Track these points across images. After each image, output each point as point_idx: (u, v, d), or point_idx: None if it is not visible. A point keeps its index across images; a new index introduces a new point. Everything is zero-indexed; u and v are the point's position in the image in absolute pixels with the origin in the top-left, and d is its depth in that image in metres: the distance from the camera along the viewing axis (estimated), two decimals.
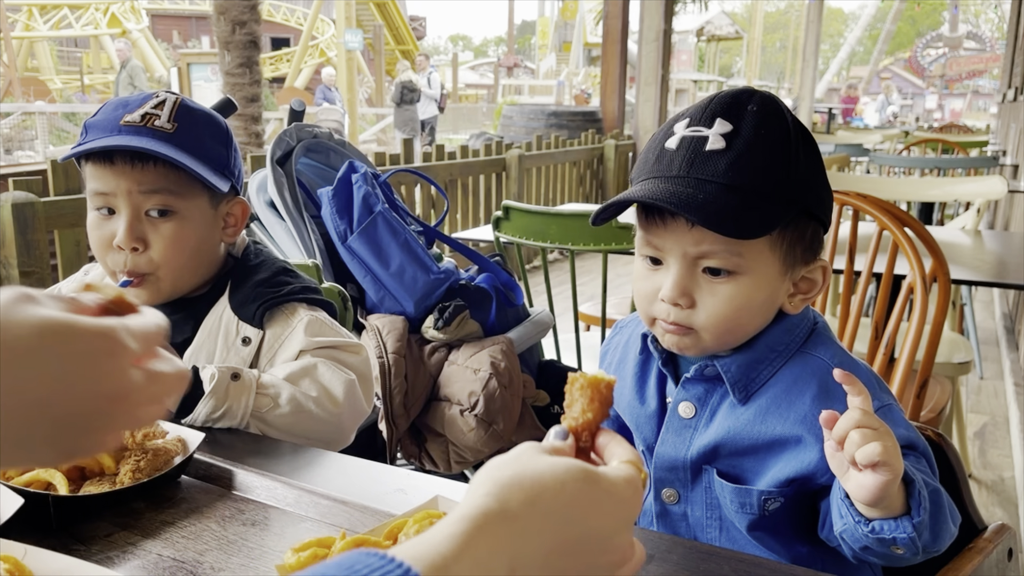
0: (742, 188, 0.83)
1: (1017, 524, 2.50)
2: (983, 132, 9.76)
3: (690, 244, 0.86)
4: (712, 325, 0.88)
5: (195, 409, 1.04)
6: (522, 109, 9.03)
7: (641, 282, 0.93)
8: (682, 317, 0.89)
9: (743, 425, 0.90)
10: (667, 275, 0.89)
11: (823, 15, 21.11)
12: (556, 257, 6.45)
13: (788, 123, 0.86)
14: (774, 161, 0.85)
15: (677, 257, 0.88)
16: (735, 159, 0.83)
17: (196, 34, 25.76)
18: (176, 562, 0.76)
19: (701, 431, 0.93)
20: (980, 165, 4.24)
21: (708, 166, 0.84)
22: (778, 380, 0.91)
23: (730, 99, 0.87)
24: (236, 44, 5.33)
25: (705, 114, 0.86)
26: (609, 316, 2.73)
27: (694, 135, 0.86)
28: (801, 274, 0.91)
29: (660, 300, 0.89)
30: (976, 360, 3.82)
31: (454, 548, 0.46)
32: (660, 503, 0.97)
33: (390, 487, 0.91)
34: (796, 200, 0.86)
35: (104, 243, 1.13)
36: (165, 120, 1.11)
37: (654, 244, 0.90)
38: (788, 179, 0.85)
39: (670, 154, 0.87)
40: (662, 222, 0.87)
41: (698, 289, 0.88)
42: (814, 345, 0.92)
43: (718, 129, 0.85)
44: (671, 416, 0.95)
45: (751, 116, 0.85)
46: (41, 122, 12.63)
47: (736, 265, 0.86)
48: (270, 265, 1.25)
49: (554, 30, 29.59)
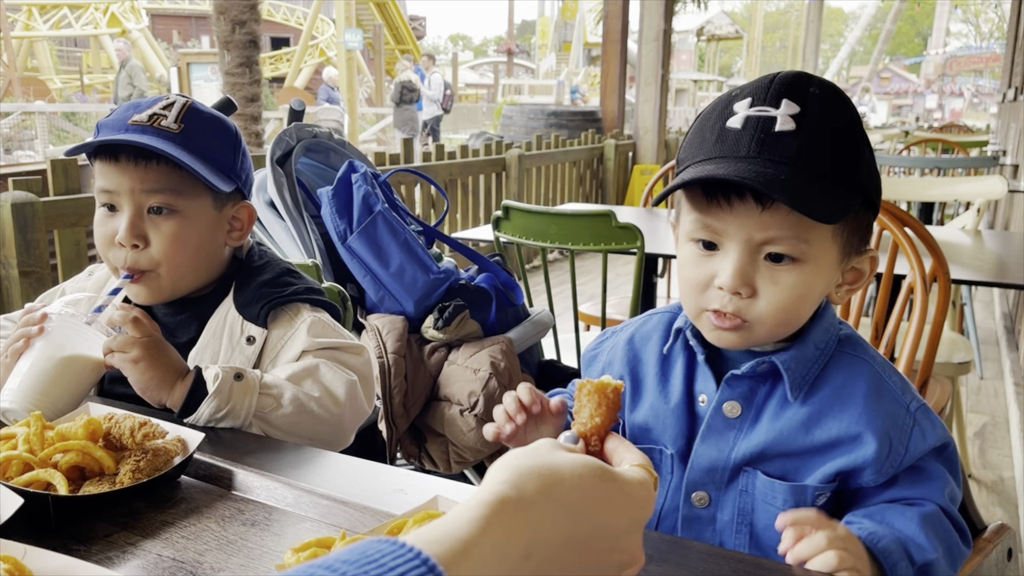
0: (815, 171, 0.80)
1: (1017, 524, 2.50)
2: (983, 132, 9.76)
3: (756, 229, 0.82)
4: (771, 316, 0.84)
5: (198, 409, 1.05)
6: (522, 109, 9.03)
7: (691, 269, 0.87)
8: (740, 307, 0.84)
9: (796, 425, 0.88)
10: (724, 261, 0.84)
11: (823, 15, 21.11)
12: (556, 257, 6.45)
13: (852, 111, 0.84)
14: (844, 147, 0.82)
15: (739, 242, 0.83)
16: (806, 142, 0.80)
17: (196, 34, 25.75)
18: (176, 562, 0.76)
19: (746, 432, 0.90)
20: (980, 165, 4.24)
21: (779, 147, 0.80)
22: (827, 379, 0.89)
23: (792, 80, 0.83)
24: (236, 44, 5.33)
25: (769, 93, 0.82)
26: (609, 316, 2.73)
27: (760, 115, 0.81)
28: (852, 264, 0.89)
29: (716, 288, 0.85)
30: (976, 360, 3.82)
31: (472, 532, 0.46)
32: (689, 506, 0.93)
33: (390, 487, 0.90)
34: (863, 187, 0.83)
35: (107, 239, 1.15)
36: (172, 121, 1.13)
37: (713, 228, 0.84)
38: (857, 166, 0.82)
39: (735, 133, 0.82)
40: (727, 204, 0.82)
41: (759, 277, 0.84)
42: (851, 346, 0.91)
43: (786, 110, 0.81)
44: (714, 416, 0.91)
45: (816, 99, 0.81)
46: (41, 122, 12.62)
47: (801, 252, 0.82)
48: (274, 266, 1.26)
49: (554, 30, 29.58)
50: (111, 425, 0.92)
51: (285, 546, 0.77)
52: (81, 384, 1.05)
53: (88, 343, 1.05)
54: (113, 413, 0.94)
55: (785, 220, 0.81)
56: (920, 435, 0.87)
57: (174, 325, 1.21)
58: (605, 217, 2.06)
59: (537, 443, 0.58)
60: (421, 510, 0.74)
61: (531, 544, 0.49)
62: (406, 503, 0.85)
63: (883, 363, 0.92)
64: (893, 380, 0.90)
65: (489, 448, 1.80)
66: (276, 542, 0.79)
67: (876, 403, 0.86)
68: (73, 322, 1.05)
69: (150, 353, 1.05)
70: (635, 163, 7.83)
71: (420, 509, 0.74)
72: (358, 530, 0.78)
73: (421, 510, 0.74)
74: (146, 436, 0.91)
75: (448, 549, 0.45)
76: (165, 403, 1.07)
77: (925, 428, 0.88)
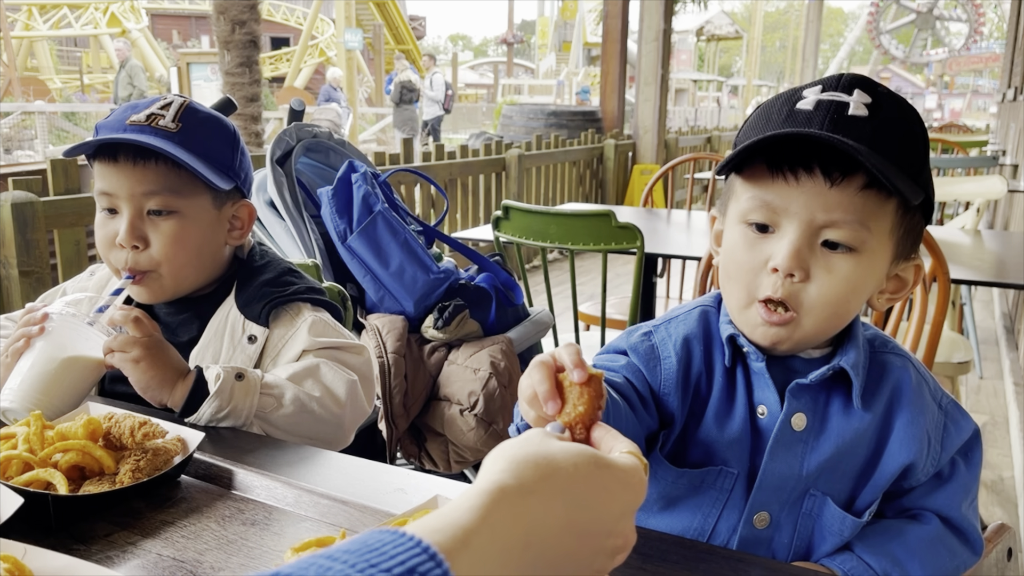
0: (888, 157, 0.77)
1: (1016, 524, 2.50)
2: (983, 132, 9.75)
3: (820, 208, 0.78)
4: (822, 304, 0.81)
5: (199, 409, 1.05)
6: (522, 109, 9.02)
7: (743, 252, 0.83)
8: (793, 291, 0.80)
9: (863, 433, 0.86)
10: (781, 243, 0.80)
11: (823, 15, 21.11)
12: (556, 257, 6.44)
13: (920, 117, 0.83)
14: (915, 143, 0.80)
15: (800, 222, 0.79)
16: (879, 127, 0.78)
17: (196, 34, 25.75)
18: (176, 562, 0.76)
19: (813, 445, 0.86)
20: (980, 165, 4.24)
21: (853, 129, 0.77)
22: (880, 382, 0.87)
23: (862, 77, 0.82)
24: (236, 44, 5.33)
25: (840, 83, 0.81)
26: (609, 316, 2.73)
27: (832, 99, 0.79)
28: (897, 270, 0.86)
29: (769, 272, 0.81)
30: (976, 360, 3.82)
31: (473, 521, 0.47)
32: (749, 527, 0.88)
33: (390, 486, 0.91)
34: (926, 187, 0.81)
35: (108, 241, 1.15)
36: (169, 120, 1.13)
37: (772, 206, 0.80)
38: (924, 164, 0.81)
39: (806, 114, 0.79)
40: (793, 178, 0.79)
41: (814, 262, 0.80)
42: (883, 344, 0.90)
43: (859, 98, 0.79)
44: (782, 430, 0.85)
45: (886, 96, 0.80)
46: (40, 122, 12.61)
47: (860, 241, 0.79)
48: (276, 266, 1.26)
49: (554, 30, 29.58)
50: (111, 425, 0.92)
51: (285, 545, 0.77)
52: (82, 384, 1.05)
53: (89, 343, 1.05)
54: (113, 413, 0.95)
55: (852, 202, 0.78)
56: (954, 430, 0.88)
57: (176, 324, 1.21)
58: (605, 217, 2.06)
59: (528, 433, 0.58)
60: (421, 509, 0.74)
61: (530, 531, 0.49)
62: (406, 502, 0.85)
63: (915, 359, 0.92)
64: (928, 376, 0.90)
65: (488, 448, 1.80)
66: (276, 541, 0.79)
67: (920, 401, 0.86)
68: (74, 322, 1.05)
69: (151, 353, 1.05)
70: (635, 163, 7.83)
71: (420, 508, 0.74)
72: (358, 529, 0.79)
73: (421, 509, 0.74)
74: (146, 436, 0.91)
75: (449, 537, 0.45)
76: (166, 403, 1.07)
77: (957, 420, 0.89)
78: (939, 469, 0.88)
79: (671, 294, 3.32)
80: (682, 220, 3.05)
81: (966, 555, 0.88)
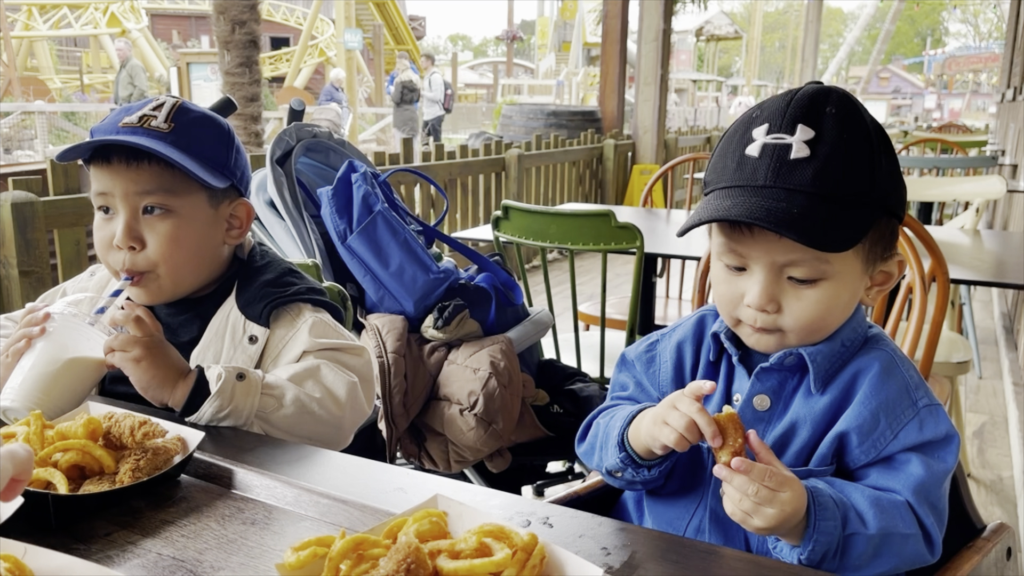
0: (831, 197, 0.84)
1: (1016, 523, 2.50)
2: (982, 132, 9.75)
3: (779, 254, 0.87)
4: (799, 327, 0.90)
5: (200, 408, 1.05)
6: (521, 109, 9.02)
7: (723, 286, 0.94)
8: (769, 321, 0.90)
9: (819, 412, 0.92)
10: (751, 282, 0.90)
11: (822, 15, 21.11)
12: (555, 257, 6.45)
13: (867, 124, 0.88)
14: (859, 166, 0.85)
15: (763, 265, 0.89)
16: (821, 168, 0.84)
17: (196, 34, 25.74)
18: (176, 561, 0.76)
19: (774, 424, 0.94)
20: (979, 165, 4.24)
21: (795, 175, 0.84)
22: (848, 369, 0.93)
23: (808, 101, 0.86)
24: (236, 44, 5.32)
25: (785, 120, 0.86)
26: (609, 316, 2.73)
27: (776, 142, 0.86)
28: (879, 269, 0.94)
29: (746, 306, 0.91)
30: (975, 360, 3.82)
31: None
32: (716, 499, 0.96)
33: (390, 486, 0.91)
34: (881, 202, 0.88)
35: (106, 243, 1.16)
36: (162, 121, 1.13)
37: (739, 252, 0.90)
38: (874, 184, 0.86)
39: (753, 162, 0.87)
40: (749, 232, 0.88)
41: (784, 295, 0.90)
42: (876, 341, 0.96)
43: (801, 136, 0.85)
44: (744, 409, 0.95)
45: (831, 119, 0.85)
46: (40, 122, 12.60)
47: (821, 272, 0.88)
48: (276, 266, 1.26)
49: (553, 30, 29.55)
50: (111, 424, 0.92)
51: (285, 545, 0.77)
52: (82, 384, 1.05)
53: (90, 343, 1.06)
54: (113, 412, 0.95)
55: (804, 247, 0.85)
56: (916, 428, 0.90)
57: (176, 325, 1.21)
58: (604, 217, 2.06)
59: None
60: (421, 509, 0.74)
61: None
62: (406, 502, 0.85)
63: (903, 358, 0.95)
64: (909, 373, 0.93)
65: (488, 447, 1.80)
66: (276, 541, 0.79)
67: (881, 382, 0.90)
68: (76, 322, 1.05)
69: (151, 352, 1.05)
70: (634, 163, 7.83)
71: (420, 508, 0.74)
72: (358, 529, 0.79)
73: (421, 509, 0.74)
74: (146, 435, 0.91)
75: None
76: (167, 402, 1.07)
77: (926, 421, 0.90)
78: (885, 454, 0.90)
79: (671, 294, 3.32)
80: (682, 220, 3.04)
81: (920, 543, 0.87)
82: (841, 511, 0.85)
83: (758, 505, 0.82)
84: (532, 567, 0.66)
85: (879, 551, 0.86)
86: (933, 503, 0.89)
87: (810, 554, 0.84)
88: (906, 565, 0.88)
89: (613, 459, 0.98)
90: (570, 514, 0.84)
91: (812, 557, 0.84)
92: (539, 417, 1.92)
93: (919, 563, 0.89)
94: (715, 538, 0.96)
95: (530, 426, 1.89)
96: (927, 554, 0.88)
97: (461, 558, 0.67)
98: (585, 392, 2.00)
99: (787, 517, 0.82)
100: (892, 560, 0.86)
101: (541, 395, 1.96)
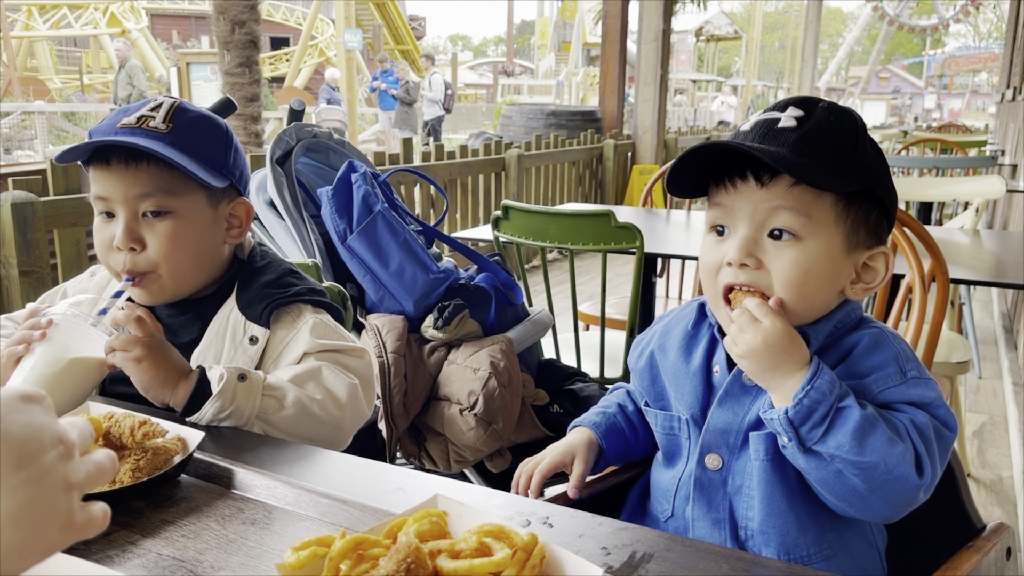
0: (810, 156, 0.88)
1: (1015, 523, 2.50)
2: (982, 132, 9.76)
3: (759, 202, 0.91)
4: (780, 287, 0.91)
5: (201, 408, 1.05)
6: (521, 109, 9.02)
7: (707, 255, 0.96)
8: (753, 278, 0.92)
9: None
10: (732, 240, 0.93)
11: (822, 15, 21.10)
12: (555, 257, 6.45)
13: (856, 120, 0.93)
14: (841, 142, 0.91)
15: (744, 219, 0.92)
16: (804, 134, 0.90)
17: (195, 34, 25.73)
18: (176, 561, 0.76)
19: (763, 395, 0.95)
20: (979, 165, 4.24)
21: (779, 138, 0.90)
22: (838, 347, 0.95)
23: (803, 97, 0.95)
24: (235, 44, 5.32)
25: (779, 104, 0.94)
26: (608, 316, 2.73)
27: (767, 117, 0.93)
28: (863, 259, 0.95)
29: (726, 265, 0.93)
30: (975, 359, 3.82)
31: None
32: (702, 468, 0.99)
33: (390, 486, 0.91)
34: (860, 178, 0.91)
35: (106, 245, 1.16)
36: (160, 121, 1.13)
37: (723, 207, 0.94)
38: (854, 158, 0.91)
39: (743, 133, 0.94)
40: (732, 187, 0.92)
41: (763, 252, 0.92)
42: (868, 323, 0.98)
43: (791, 113, 0.92)
44: (732, 382, 0.97)
45: (822, 110, 0.92)
46: (40, 122, 12.60)
47: (800, 226, 0.90)
48: (276, 266, 1.26)
49: (553, 30, 29.55)
50: (111, 424, 0.92)
51: (285, 545, 0.77)
52: (83, 385, 1.05)
53: (92, 344, 1.06)
54: (113, 412, 0.95)
55: (786, 196, 0.90)
56: (904, 390, 0.90)
57: (177, 326, 1.21)
58: (604, 217, 2.06)
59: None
60: (421, 509, 0.74)
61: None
62: (406, 502, 0.85)
63: (896, 335, 0.96)
64: (902, 347, 0.94)
65: (488, 447, 1.80)
66: (276, 541, 0.79)
67: (869, 351, 0.92)
68: (77, 322, 1.05)
69: (152, 352, 1.05)
70: (634, 163, 7.83)
71: (420, 508, 0.74)
72: (358, 529, 0.79)
73: (421, 509, 0.74)
74: (146, 435, 0.91)
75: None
76: (168, 402, 1.07)
77: (912, 386, 0.90)
78: (875, 403, 0.90)
79: (670, 294, 3.32)
80: (681, 220, 3.05)
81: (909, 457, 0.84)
82: (842, 387, 0.87)
83: (740, 330, 0.89)
84: (532, 567, 0.66)
85: (867, 438, 0.84)
86: (928, 439, 0.87)
87: (798, 405, 0.85)
88: (892, 478, 0.84)
89: None
90: (570, 514, 0.84)
91: (800, 410, 0.85)
92: (539, 417, 1.92)
93: (904, 484, 0.85)
94: (700, 505, 0.98)
95: (530, 426, 1.89)
96: (914, 475, 0.84)
97: (461, 558, 0.67)
98: (585, 392, 2.00)
99: (761, 348, 0.87)
100: (877, 454, 0.83)
101: (541, 395, 1.96)
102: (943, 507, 1.03)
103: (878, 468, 0.84)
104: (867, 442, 0.84)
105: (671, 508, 1.02)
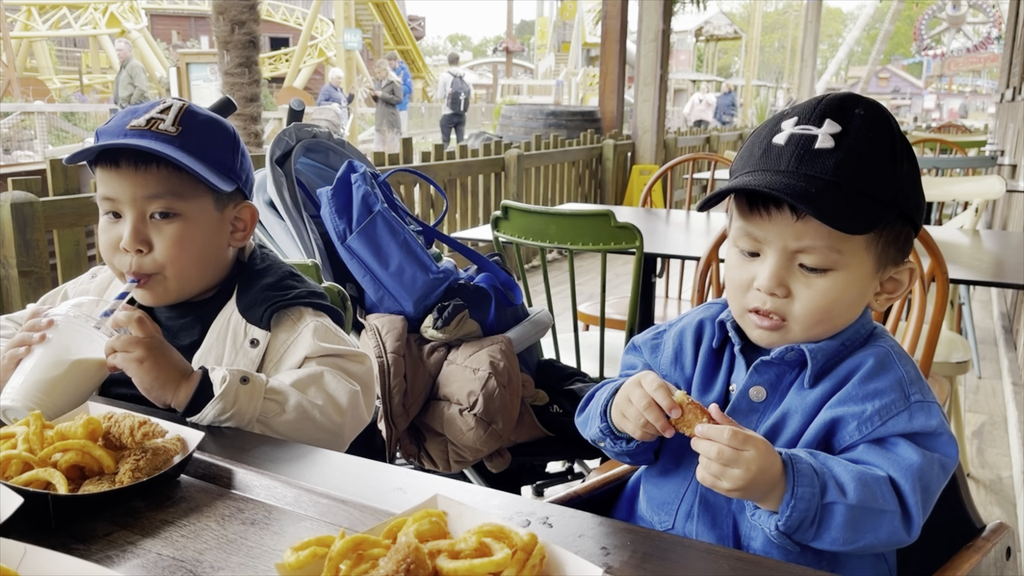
0: (849, 187, 0.86)
1: (1015, 523, 2.51)
2: (981, 132, 9.76)
3: (791, 238, 0.89)
4: (805, 316, 0.91)
5: (203, 410, 1.05)
6: (521, 109, 9.02)
7: (735, 271, 0.95)
8: (778, 306, 0.92)
9: (808, 405, 0.93)
10: (763, 266, 0.91)
11: (821, 15, 21.09)
12: (555, 257, 6.44)
13: (893, 130, 0.90)
14: (880, 165, 0.88)
15: (776, 250, 0.90)
16: (843, 159, 0.86)
17: (195, 34, 25.73)
18: (176, 561, 0.76)
19: (768, 415, 0.95)
20: (978, 165, 4.24)
21: (817, 163, 0.86)
22: (845, 365, 0.94)
23: (839, 101, 0.89)
24: (235, 44, 5.32)
25: (814, 114, 0.89)
26: (608, 316, 2.73)
27: (803, 132, 0.88)
28: (890, 274, 0.95)
29: (755, 290, 0.92)
30: (974, 360, 3.82)
31: None
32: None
33: (389, 486, 0.91)
34: (897, 203, 0.89)
35: (112, 246, 1.16)
36: (169, 124, 1.13)
37: (754, 236, 0.92)
38: (892, 183, 0.88)
39: (778, 149, 0.89)
40: (766, 213, 0.90)
41: (794, 280, 0.91)
42: (876, 338, 0.97)
43: (827, 129, 0.87)
44: (739, 399, 0.96)
45: (859, 119, 0.88)
46: (40, 122, 12.59)
47: (832, 262, 0.89)
48: (277, 269, 1.26)
49: (553, 30, 29.53)
50: (111, 424, 0.92)
51: (285, 545, 0.77)
52: (84, 385, 1.05)
53: (93, 345, 1.06)
54: (113, 412, 0.95)
55: (818, 231, 0.87)
56: (906, 419, 0.89)
57: (177, 328, 1.21)
58: (604, 217, 2.06)
59: None
60: (421, 509, 0.74)
61: None
62: (406, 502, 0.85)
63: (903, 354, 0.95)
64: (907, 368, 0.93)
65: (488, 448, 1.80)
66: (276, 541, 0.79)
67: (873, 373, 0.91)
68: (78, 323, 1.05)
69: (153, 353, 1.05)
70: (634, 163, 7.83)
71: (420, 508, 0.74)
72: (358, 529, 0.79)
73: (421, 509, 0.74)
74: (146, 435, 0.91)
75: None
76: (169, 403, 1.07)
77: (915, 415, 0.89)
78: (873, 437, 0.90)
79: (670, 294, 3.32)
80: (681, 220, 3.05)
81: (897, 521, 0.86)
82: (820, 480, 0.85)
83: (724, 467, 0.83)
84: (532, 567, 0.66)
85: (857, 525, 0.85)
86: (926, 485, 0.87)
87: (787, 520, 0.84)
88: (881, 544, 0.87)
89: (595, 428, 1.01)
90: (570, 514, 0.84)
91: (789, 524, 0.84)
92: (539, 417, 1.92)
93: (894, 542, 0.87)
94: (704, 522, 0.97)
95: (530, 426, 1.89)
96: (903, 533, 0.86)
97: (461, 558, 0.67)
98: (585, 392, 1.99)
99: (754, 477, 0.82)
100: (868, 536, 0.86)
101: (541, 395, 1.96)
102: (943, 507, 1.03)
103: (872, 543, 0.87)
104: (859, 527, 0.85)
105: (672, 521, 1.00)
